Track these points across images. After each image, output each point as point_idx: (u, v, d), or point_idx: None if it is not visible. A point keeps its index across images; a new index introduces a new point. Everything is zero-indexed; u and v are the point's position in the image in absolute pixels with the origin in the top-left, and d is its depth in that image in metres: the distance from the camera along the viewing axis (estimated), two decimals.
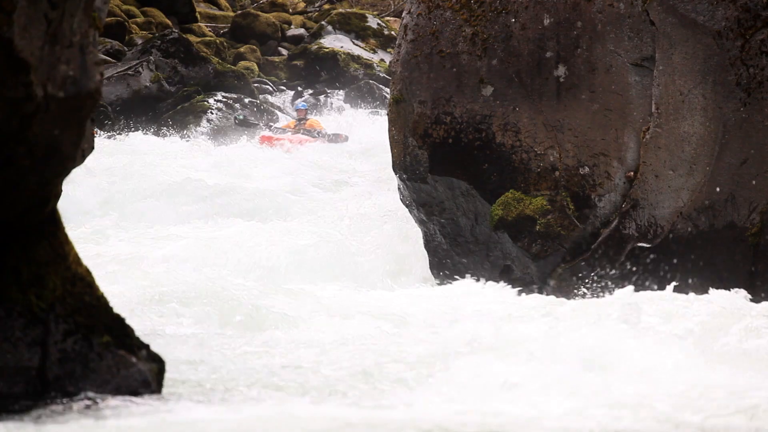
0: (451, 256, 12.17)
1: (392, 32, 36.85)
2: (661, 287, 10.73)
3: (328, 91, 33.57)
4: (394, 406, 6.32)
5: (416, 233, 12.87)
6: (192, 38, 33.42)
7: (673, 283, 10.79)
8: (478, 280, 11.70)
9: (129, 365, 6.20)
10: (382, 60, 35.24)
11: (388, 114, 12.33)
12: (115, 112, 28.47)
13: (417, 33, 12.10)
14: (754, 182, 11.07)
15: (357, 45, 35.95)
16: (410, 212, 12.55)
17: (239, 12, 39.13)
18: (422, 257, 12.74)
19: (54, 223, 6.29)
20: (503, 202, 11.70)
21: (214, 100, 29.62)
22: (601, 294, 11.06)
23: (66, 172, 6.14)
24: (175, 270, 12.70)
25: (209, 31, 37.11)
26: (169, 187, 20.80)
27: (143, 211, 19.56)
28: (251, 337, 8.78)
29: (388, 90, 28.37)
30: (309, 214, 18.35)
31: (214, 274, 12.48)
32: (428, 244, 12.43)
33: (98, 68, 6.04)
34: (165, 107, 29.25)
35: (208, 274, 12.39)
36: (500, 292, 11.16)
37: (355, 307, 10.30)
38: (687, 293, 10.45)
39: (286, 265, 14.00)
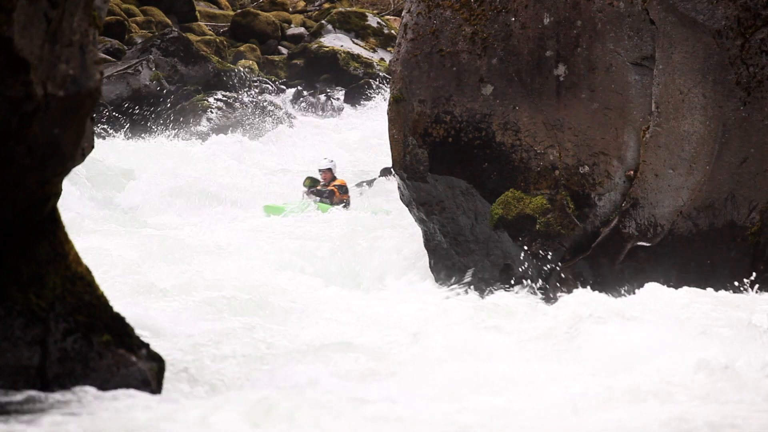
0: (450, 255, 12.17)
1: (392, 31, 36.84)
2: (661, 286, 10.73)
3: (328, 90, 33.56)
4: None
5: (416, 232, 12.87)
6: (192, 37, 33.41)
7: (673, 282, 10.79)
8: (478, 278, 11.72)
9: (129, 364, 6.20)
10: (382, 59, 35.23)
11: (387, 113, 12.33)
12: (114, 110, 28.47)
13: (417, 32, 12.10)
14: (754, 181, 11.07)
15: (357, 44, 35.94)
16: (410, 211, 12.55)
17: (239, 11, 39.12)
18: (422, 256, 12.74)
19: (54, 222, 6.28)
20: (503, 201, 11.70)
21: (214, 98, 29.61)
22: (601, 292, 11.05)
23: (66, 171, 6.13)
24: (175, 267, 12.71)
25: (209, 29, 37.09)
26: (168, 185, 20.83)
27: (142, 209, 19.60)
28: (251, 336, 8.78)
29: (388, 89, 28.35)
30: (309, 213, 18.38)
31: (213, 272, 12.49)
32: (428, 243, 12.43)
33: (98, 67, 6.03)
34: (165, 106, 29.24)
35: (208, 272, 12.40)
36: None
37: (355, 309, 10.33)
38: (687, 292, 10.45)
39: (286, 263, 14.01)
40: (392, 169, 12.53)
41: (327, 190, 19.03)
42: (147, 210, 19.36)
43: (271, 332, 8.93)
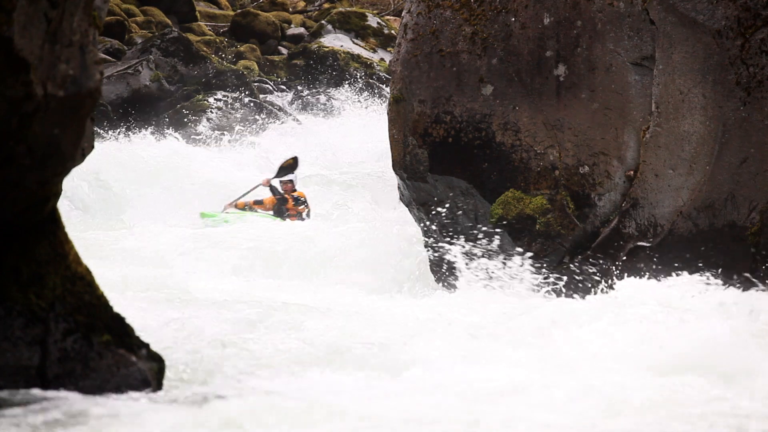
0: (450, 255, 12.16)
1: (392, 31, 36.83)
2: (661, 286, 10.73)
3: (328, 91, 33.55)
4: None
5: (416, 233, 12.87)
6: (192, 37, 33.40)
7: (673, 283, 10.79)
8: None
9: (129, 364, 6.20)
10: (382, 59, 35.23)
11: (388, 113, 12.33)
12: (114, 111, 28.47)
13: (417, 32, 12.10)
14: (754, 181, 11.07)
15: (357, 44, 35.94)
16: (410, 211, 12.55)
17: (239, 11, 39.11)
18: (422, 256, 12.74)
19: (54, 222, 6.28)
20: (503, 201, 11.70)
21: (214, 99, 29.60)
22: (601, 292, 11.05)
23: (66, 171, 6.13)
24: (176, 267, 12.71)
25: (209, 30, 37.09)
26: (168, 186, 20.83)
27: (142, 208, 19.60)
28: (251, 338, 8.79)
29: (388, 89, 28.33)
30: (311, 213, 18.37)
31: (213, 272, 12.49)
32: (428, 243, 12.42)
33: (98, 67, 6.03)
34: (165, 106, 29.24)
35: (207, 272, 12.40)
36: None
37: (357, 310, 10.34)
38: (687, 292, 10.44)
39: (285, 263, 14.01)
40: (393, 169, 12.53)
41: (280, 194, 18.48)
42: (139, 212, 19.30)
43: (270, 334, 8.93)
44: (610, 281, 11.22)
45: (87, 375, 6.11)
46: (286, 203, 18.34)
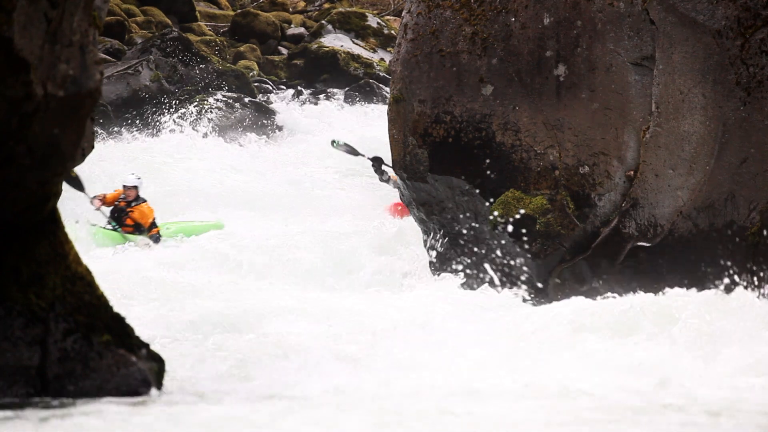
0: (450, 255, 12.17)
1: (392, 31, 36.83)
2: (661, 286, 10.73)
3: (328, 91, 33.56)
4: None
5: (416, 232, 12.88)
6: (192, 37, 33.40)
7: (673, 283, 10.79)
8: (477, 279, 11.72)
9: (129, 364, 6.21)
10: (382, 59, 35.23)
11: (388, 113, 12.33)
12: (114, 111, 28.47)
13: (417, 32, 12.11)
14: (754, 181, 11.07)
15: (357, 44, 35.93)
16: (410, 211, 12.56)
17: (239, 11, 39.10)
18: (422, 256, 12.74)
19: (54, 222, 6.29)
20: (503, 201, 11.70)
21: (214, 99, 29.60)
22: (601, 292, 11.05)
23: (66, 171, 6.14)
24: (171, 268, 12.72)
25: (209, 30, 37.08)
26: (167, 186, 20.83)
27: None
28: (247, 335, 8.80)
29: (388, 89, 28.32)
30: (308, 213, 18.38)
31: (210, 272, 12.51)
32: (428, 243, 12.43)
33: (98, 67, 6.04)
34: (165, 106, 29.23)
35: (203, 272, 12.41)
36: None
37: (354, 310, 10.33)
38: (687, 292, 10.45)
39: (281, 263, 14.02)
40: (393, 169, 12.53)
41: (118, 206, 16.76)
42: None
43: (266, 334, 8.94)
44: (610, 281, 11.21)
45: (87, 375, 6.12)
46: (123, 213, 16.77)
